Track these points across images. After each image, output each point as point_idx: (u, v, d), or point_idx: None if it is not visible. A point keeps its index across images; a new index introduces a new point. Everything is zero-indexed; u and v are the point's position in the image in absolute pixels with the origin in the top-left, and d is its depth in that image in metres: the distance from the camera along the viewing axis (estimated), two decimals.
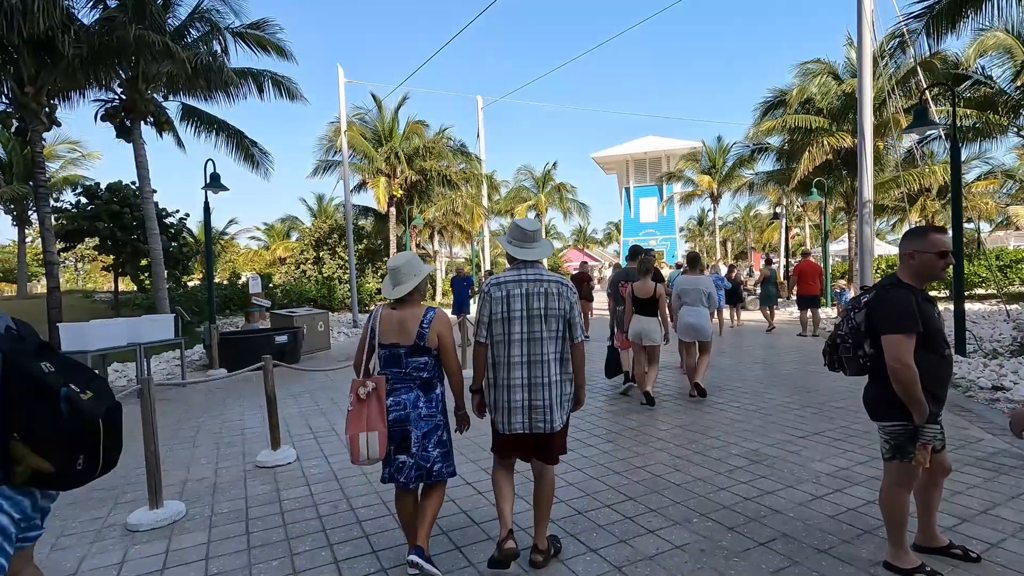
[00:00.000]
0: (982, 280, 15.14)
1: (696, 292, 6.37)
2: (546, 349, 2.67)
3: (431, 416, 2.72)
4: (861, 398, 2.87)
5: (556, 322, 2.69)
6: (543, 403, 2.66)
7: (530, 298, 2.68)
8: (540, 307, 2.67)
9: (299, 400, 7.07)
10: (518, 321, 2.66)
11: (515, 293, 2.68)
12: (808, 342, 10.59)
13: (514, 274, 2.74)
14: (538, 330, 2.67)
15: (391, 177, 20.60)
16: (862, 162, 12.08)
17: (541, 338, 2.67)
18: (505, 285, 2.71)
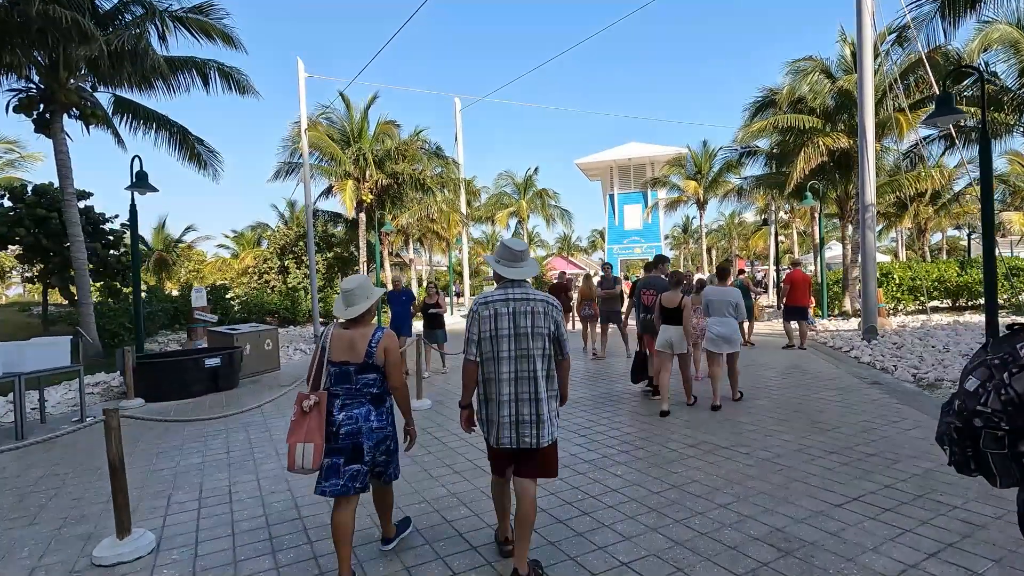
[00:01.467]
0: None
1: (724, 303, 6.42)
2: (533, 366, 2.75)
3: (381, 428, 2.91)
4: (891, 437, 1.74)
5: (542, 340, 2.78)
6: (530, 418, 2.73)
7: (517, 316, 2.76)
8: (527, 325, 2.76)
9: (210, 444, 5.75)
10: (506, 339, 2.75)
11: (502, 312, 2.77)
12: (800, 357, 9.52)
13: (501, 293, 2.83)
14: (525, 347, 2.75)
15: (360, 181, 19.32)
16: (863, 162, 11.12)
17: (528, 355, 2.75)
18: (492, 304, 2.79)
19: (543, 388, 2.77)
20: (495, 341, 2.76)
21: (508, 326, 2.76)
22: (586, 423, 5.91)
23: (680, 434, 5.41)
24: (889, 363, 8.54)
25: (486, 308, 2.80)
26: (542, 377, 2.77)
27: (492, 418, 2.80)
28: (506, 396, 2.75)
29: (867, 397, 6.67)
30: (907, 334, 11.06)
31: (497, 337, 2.76)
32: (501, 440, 2.76)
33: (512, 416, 2.74)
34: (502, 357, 2.75)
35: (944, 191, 20.68)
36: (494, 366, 2.77)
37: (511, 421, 2.74)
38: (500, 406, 2.76)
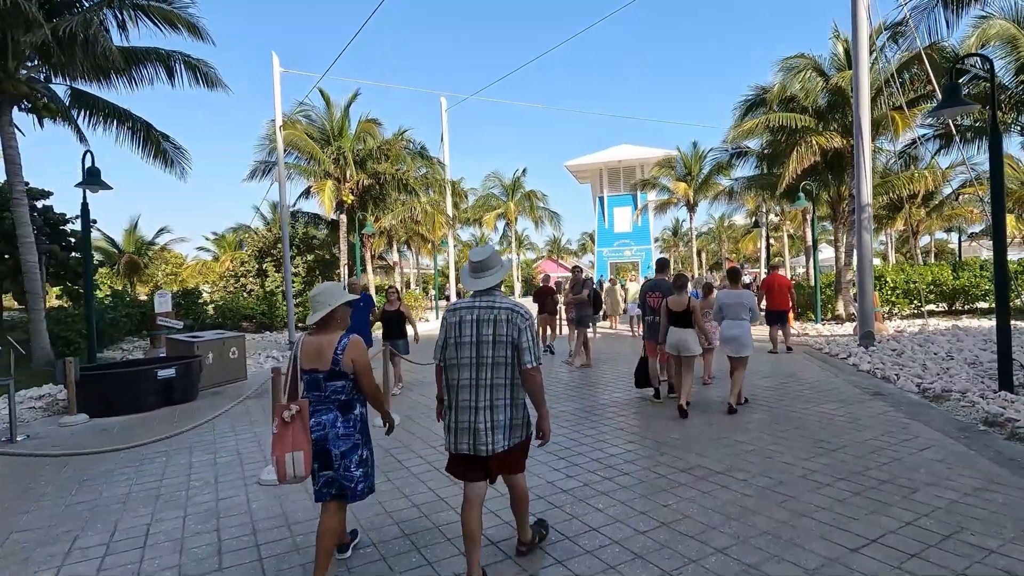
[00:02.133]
0: (985, 293, 13.93)
1: (737, 306, 6.42)
2: (494, 374, 2.76)
3: (348, 435, 2.87)
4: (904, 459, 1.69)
5: (504, 348, 2.76)
6: (485, 425, 2.74)
7: (480, 324, 2.79)
8: (489, 333, 2.76)
9: (144, 469, 5.11)
10: (467, 346, 2.79)
11: (466, 319, 2.82)
12: (796, 364, 9.02)
13: (469, 301, 2.89)
14: (487, 355, 2.75)
15: (341, 181, 18.68)
16: (859, 160, 10.68)
17: (489, 363, 2.75)
18: (459, 311, 2.87)
19: (503, 396, 2.77)
20: (457, 348, 2.80)
21: (470, 333, 2.79)
22: (566, 443, 5.34)
23: (670, 456, 4.86)
24: (890, 372, 8.07)
25: (453, 315, 2.87)
26: (503, 385, 2.77)
27: (451, 424, 2.83)
28: (465, 402, 2.76)
29: (871, 410, 6.17)
30: (906, 340, 10.62)
31: (459, 344, 2.80)
32: (459, 446, 2.79)
33: (470, 423, 2.75)
34: (463, 364, 2.78)
35: (936, 192, 20.42)
36: (456, 372, 2.80)
37: (468, 428, 2.76)
38: (459, 411, 2.78)
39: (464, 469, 2.85)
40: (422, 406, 7.29)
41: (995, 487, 3.92)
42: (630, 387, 7.89)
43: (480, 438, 2.74)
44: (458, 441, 2.79)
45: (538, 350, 2.85)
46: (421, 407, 7.24)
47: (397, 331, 8.31)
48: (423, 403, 7.50)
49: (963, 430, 5.35)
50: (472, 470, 2.84)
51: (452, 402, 2.83)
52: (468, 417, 2.76)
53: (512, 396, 2.80)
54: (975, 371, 7.52)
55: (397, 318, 8.34)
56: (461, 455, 2.82)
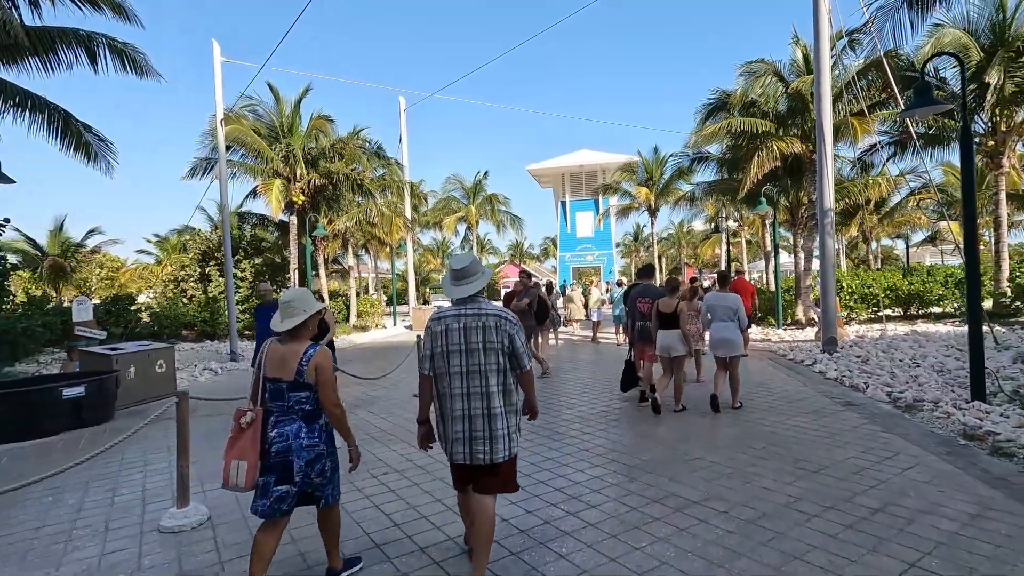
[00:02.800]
0: (939, 298, 14.18)
1: (724, 308, 6.53)
2: (486, 382, 2.73)
3: (312, 446, 2.77)
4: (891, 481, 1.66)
5: (495, 355, 2.75)
6: (483, 434, 2.71)
7: (468, 332, 2.75)
8: (478, 340, 2.74)
9: (16, 514, 4.26)
10: (456, 354, 2.75)
11: (453, 327, 2.77)
12: (762, 373, 8.75)
13: (454, 309, 2.83)
14: (477, 363, 2.73)
15: (291, 180, 17.66)
16: (822, 163, 10.57)
17: (480, 371, 2.73)
18: (444, 320, 2.82)
19: (497, 403, 2.74)
20: (446, 357, 2.77)
21: (459, 341, 2.76)
22: (526, 467, 4.78)
23: (640, 482, 4.36)
24: (858, 379, 7.86)
25: (439, 323, 2.83)
26: (496, 392, 2.75)
27: (447, 434, 2.81)
28: (459, 412, 2.74)
29: (845, 423, 5.85)
30: (868, 345, 10.55)
31: (448, 352, 2.76)
32: (455, 456, 2.77)
33: (465, 432, 2.73)
34: (454, 372, 2.75)
35: (887, 199, 20.94)
36: (447, 381, 2.77)
37: (464, 437, 2.73)
38: (453, 421, 2.75)
39: (464, 478, 2.86)
40: (374, 427, 6.60)
41: (992, 514, 3.58)
42: (594, 399, 7.43)
43: (478, 446, 2.71)
44: (454, 450, 2.77)
45: (528, 351, 2.89)
46: (373, 428, 6.55)
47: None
48: (374, 424, 6.81)
49: (943, 444, 5.06)
50: (470, 479, 2.83)
51: (446, 411, 2.80)
52: (463, 426, 2.73)
53: (506, 403, 2.78)
54: (944, 379, 7.37)
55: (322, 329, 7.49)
56: (457, 464, 2.81)
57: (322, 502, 2.87)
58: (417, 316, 21.42)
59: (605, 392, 7.97)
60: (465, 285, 2.86)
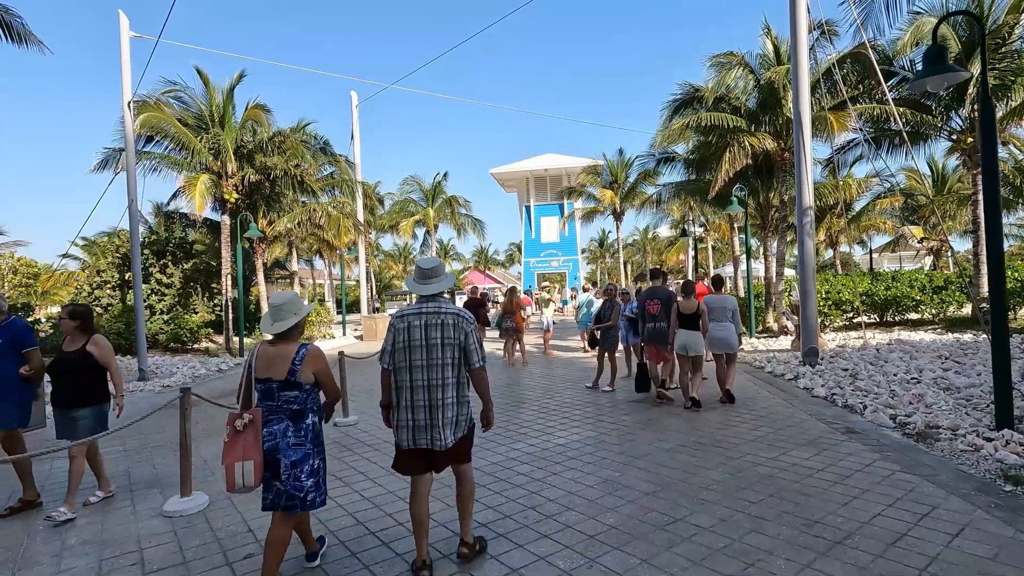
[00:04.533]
0: (916, 304, 13.53)
1: (722, 309, 6.98)
2: (443, 374, 2.97)
3: (299, 444, 2.88)
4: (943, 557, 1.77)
5: (452, 350, 2.99)
6: (440, 422, 2.96)
7: (428, 329, 2.99)
8: (437, 337, 2.98)
9: None
10: (419, 349, 2.98)
11: (415, 324, 3.00)
12: (741, 389, 7.66)
13: (416, 308, 3.06)
14: (436, 357, 2.97)
15: (223, 176, 15.92)
16: (800, 157, 9.62)
17: (439, 364, 2.97)
18: (407, 317, 3.04)
19: (451, 395, 2.99)
20: (408, 351, 2.99)
21: (420, 337, 2.98)
22: (484, 493, 3.45)
23: (602, 568, 3.08)
24: (853, 398, 6.82)
25: (401, 321, 3.04)
26: (451, 384, 3.00)
27: (407, 422, 2.99)
28: (421, 402, 2.96)
29: (854, 459, 4.73)
30: (852, 356, 9.62)
31: (410, 347, 2.98)
32: (418, 441, 2.97)
33: (426, 419, 2.96)
34: (415, 366, 2.97)
35: (854, 203, 20.51)
36: (407, 375, 2.98)
37: (425, 424, 2.96)
38: (415, 410, 2.96)
39: (415, 464, 3.02)
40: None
41: None
42: (550, 432, 6.16)
43: (436, 432, 2.95)
44: (416, 437, 2.97)
45: (483, 351, 3.13)
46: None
47: (74, 391, 4.25)
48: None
49: (985, 492, 3.97)
50: (421, 464, 3.03)
51: (405, 402, 2.99)
52: (425, 415, 2.95)
53: (458, 394, 3.03)
54: (954, 399, 6.38)
55: (78, 367, 4.29)
56: (414, 450, 3.00)
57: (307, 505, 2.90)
58: (368, 325, 19.81)
59: (540, 426, 6.72)
60: (430, 284, 3.11)
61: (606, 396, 7.89)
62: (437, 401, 2.94)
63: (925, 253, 24.84)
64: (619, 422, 6.40)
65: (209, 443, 6.42)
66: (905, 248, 30.55)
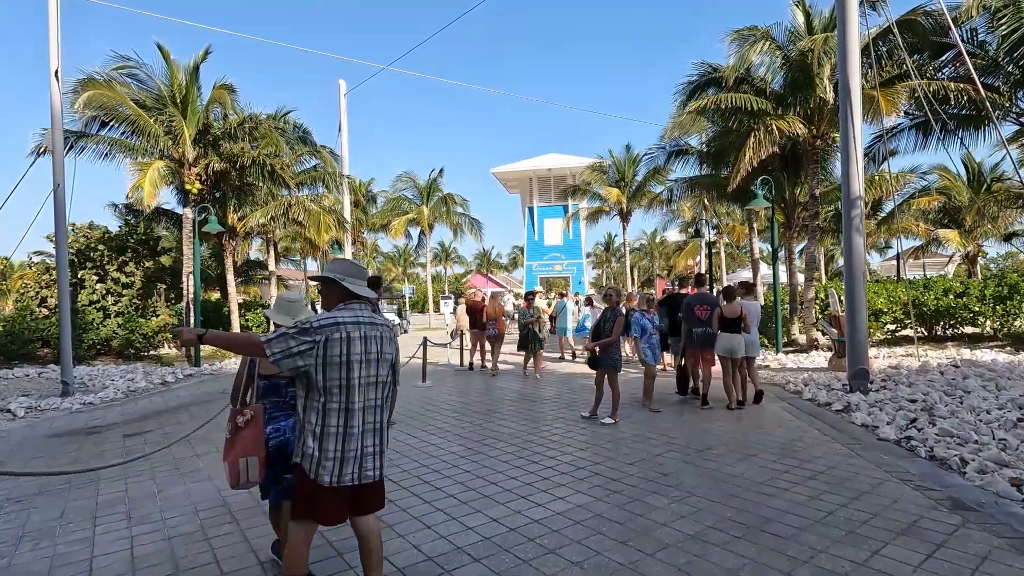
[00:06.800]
0: (974, 315, 11.67)
1: (753, 316, 7.26)
2: (380, 394, 2.64)
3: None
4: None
5: (387, 367, 2.66)
6: (374, 449, 2.58)
7: (368, 341, 2.58)
8: (376, 351, 2.60)
9: None
10: (358, 365, 2.53)
11: (355, 335, 2.53)
12: (779, 423, 5.89)
13: (351, 315, 2.58)
14: (375, 374, 2.61)
15: (186, 165, 14.29)
16: (848, 135, 7.85)
17: (376, 383, 2.62)
18: (344, 326, 2.52)
19: (384, 416, 2.66)
20: (347, 367, 2.49)
21: (361, 351, 2.54)
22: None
23: None
24: (940, 447, 5.03)
25: (336, 329, 2.49)
26: (385, 405, 2.67)
27: (334, 454, 2.47)
28: (356, 428, 2.51)
29: (996, 568, 2.96)
30: (913, 381, 7.79)
31: (349, 363, 2.50)
32: (344, 477, 2.48)
33: (358, 449, 2.52)
34: (353, 385, 2.51)
35: (883, 202, 18.67)
36: (342, 396, 2.49)
37: (357, 455, 2.51)
38: (347, 439, 2.49)
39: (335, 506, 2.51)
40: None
41: None
42: (525, 493, 4.40)
43: (368, 463, 2.55)
44: (342, 471, 2.47)
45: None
46: None
47: None
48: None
49: None
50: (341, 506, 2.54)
51: (335, 429, 2.47)
52: (359, 444, 2.51)
53: (386, 416, 2.70)
54: None
55: None
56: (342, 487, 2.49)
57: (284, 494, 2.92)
58: None
59: (512, 483, 4.96)
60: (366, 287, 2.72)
61: (607, 432, 6.13)
62: (370, 425, 2.57)
63: (959, 261, 22.93)
64: (623, 477, 4.64)
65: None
66: (928, 255, 28.60)
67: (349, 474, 2.49)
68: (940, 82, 10.00)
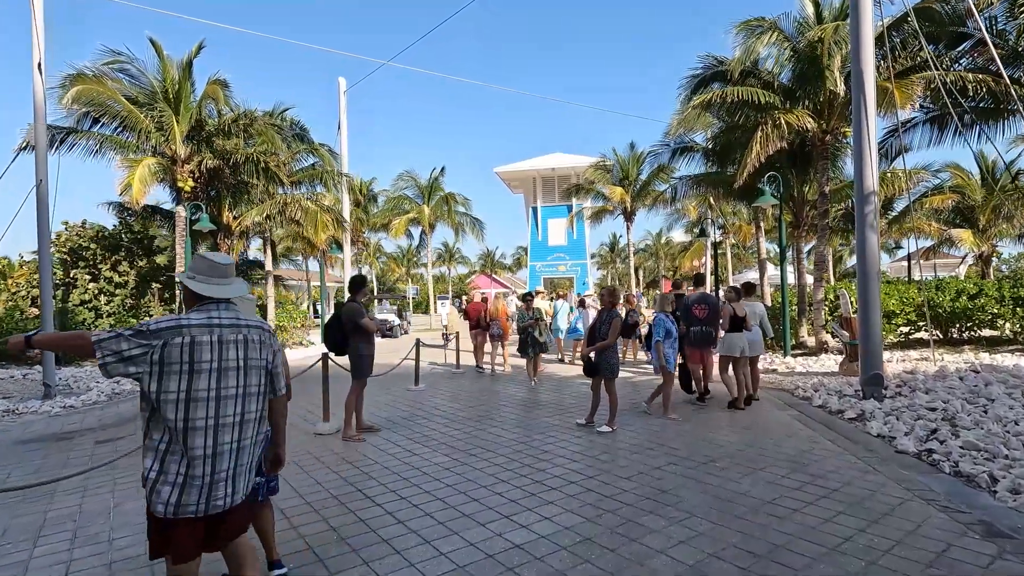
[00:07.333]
0: (992, 318, 11.18)
1: (752, 315, 7.38)
2: (243, 407, 2.27)
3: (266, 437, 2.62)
4: None
5: (257, 375, 2.34)
6: (228, 473, 2.21)
7: (224, 347, 2.24)
8: (238, 358, 2.27)
9: None
10: (206, 375, 2.18)
11: (203, 340, 2.20)
12: (789, 432, 5.47)
13: (203, 317, 2.25)
14: (234, 385, 2.25)
15: (179, 162, 14.00)
16: (861, 125, 7.43)
17: (236, 396, 2.25)
18: (188, 329, 2.19)
19: (250, 433, 2.31)
20: (190, 377, 2.15)
21: (211, 359, 2.20)
22: None
23: None
24: (965, 462, 4.61)
25: (177, 333, 2.16)
26: (253, 420, 2.32)
27: (174, 479, 2.13)
28: (200, 450, 2.15)
29: None
30: (931, 387, 7.34)
31: (194, 372, 2.16)
32: (183, 508, 2.13)
33: (206, 476, 2.16)
34: (199, 399, 2.16)
35: (895, 200, 18.15)
36: (182, 411, 2.14)
37: (203, 482, 2.15)
38: (191, 464, 2.14)
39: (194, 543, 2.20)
40: None
41: None
42: (511, 511, 4.02)
43: (218, 490, 2.18)
44: (181, 501, 2.12)
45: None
46: None
47: None
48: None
49: None
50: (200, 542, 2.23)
51: (175, 449, 2.14)
52: (204, 470, 2.15)
53: (259, 431, 2.37)
54: None
55: None
56: (182, 519, 2.14)
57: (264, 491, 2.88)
58: None
59: (497, 499, 4.57)
60: (227, 285, 2.35)
61: (603, 441, 5.73)
62: (225, 447, 2.19)
63: (971, 262, 22.36)
64: (618, 493, 4.24)
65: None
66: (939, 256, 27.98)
67: (192, 505, 2.15)
68: (958, 73, 9.53)
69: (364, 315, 6.23)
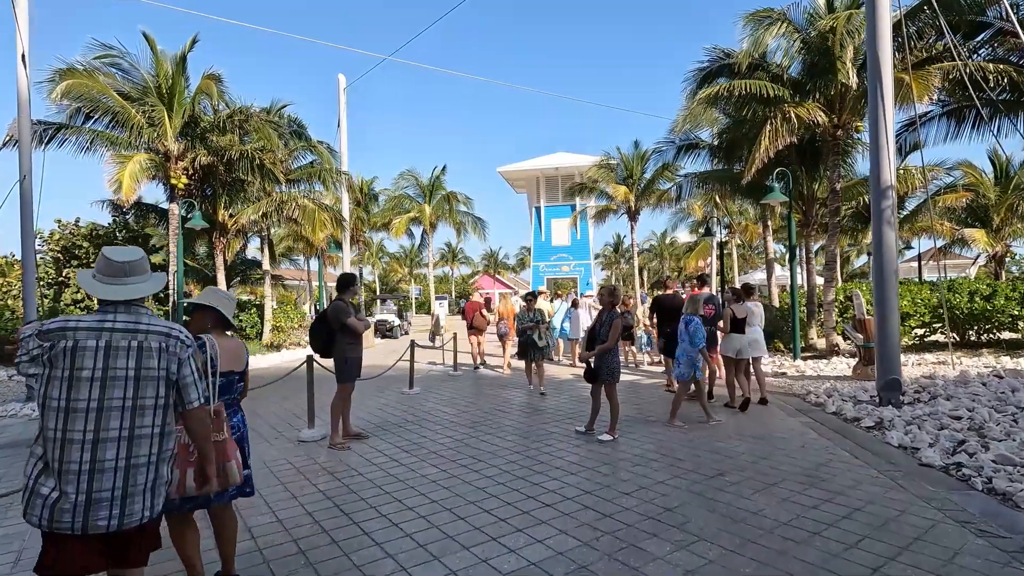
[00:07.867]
0: (1013, 320, 10.73)
1: (751, 316, 7.21)
2: (133, 422, 2.03)
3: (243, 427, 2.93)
4: None
5: (155, 387, 2.08)
6: (113, 494, 1.98)
7: (113, 354, 2.00)
8: (128, 367, 2.02)
9: None
10: (86, 384, 1.96)
11: (87, 345, 1.98)
12: (804, 443, 5.07)
13: (96, 319, 2.04)
14: (120, 397, 2.01)
15: (172, 159, 13.70)
16: (879, 115, 7.02)
17: (123, 408, 2.01)
18: (73, 332, 1.99)
19: (146, 451, 2.05)
20: (70, 385, 1.95)
21: (93, 366, 1.98)
22: None
23: None
24: (999, 478, 4.22)
25: (62, 336, 1.97)
26: (149, 436, 2.06)
27: (49, 492, 1.94)
28: (75, 464, 1.94)
29: None
30: (953, 393, 6.93)
31: (75, 380, 1.95)
32: (60, 521, 1.93)
33: (80, 494, 1.93)
34: (78, 408, 1.95)
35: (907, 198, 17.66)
36: (62, 420, 1.94)
37: (79, 501, 1.94)
38: (64, 478, 1.93)
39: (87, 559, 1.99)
40: None
41: None
42: (500, 531, 3.66)
43: (101, 511, 1.96)
44: (56, 516, 1.92)
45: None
46: None
47: None
48: None
49: None
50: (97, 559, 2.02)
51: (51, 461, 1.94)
52: (79, 487, 1.93)
53: (162, 448, 2.11)
54: None
55: None
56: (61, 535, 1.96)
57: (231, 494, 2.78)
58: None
59: (486, 516, 4.20)
60: (127, 285, 2.12)
61: (603, 451, 5.36)
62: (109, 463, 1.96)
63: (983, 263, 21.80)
64: (617, 512, 3.87)
65: None
66: (950, 256, 27.42)
67: (67, 523, 1.95)
68: (979, 63, 9.11)
69: (351, 314, 5.89)
